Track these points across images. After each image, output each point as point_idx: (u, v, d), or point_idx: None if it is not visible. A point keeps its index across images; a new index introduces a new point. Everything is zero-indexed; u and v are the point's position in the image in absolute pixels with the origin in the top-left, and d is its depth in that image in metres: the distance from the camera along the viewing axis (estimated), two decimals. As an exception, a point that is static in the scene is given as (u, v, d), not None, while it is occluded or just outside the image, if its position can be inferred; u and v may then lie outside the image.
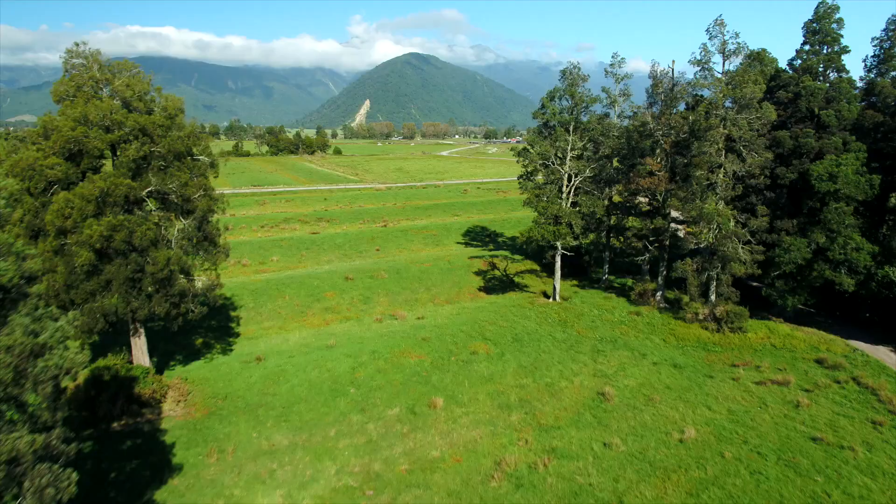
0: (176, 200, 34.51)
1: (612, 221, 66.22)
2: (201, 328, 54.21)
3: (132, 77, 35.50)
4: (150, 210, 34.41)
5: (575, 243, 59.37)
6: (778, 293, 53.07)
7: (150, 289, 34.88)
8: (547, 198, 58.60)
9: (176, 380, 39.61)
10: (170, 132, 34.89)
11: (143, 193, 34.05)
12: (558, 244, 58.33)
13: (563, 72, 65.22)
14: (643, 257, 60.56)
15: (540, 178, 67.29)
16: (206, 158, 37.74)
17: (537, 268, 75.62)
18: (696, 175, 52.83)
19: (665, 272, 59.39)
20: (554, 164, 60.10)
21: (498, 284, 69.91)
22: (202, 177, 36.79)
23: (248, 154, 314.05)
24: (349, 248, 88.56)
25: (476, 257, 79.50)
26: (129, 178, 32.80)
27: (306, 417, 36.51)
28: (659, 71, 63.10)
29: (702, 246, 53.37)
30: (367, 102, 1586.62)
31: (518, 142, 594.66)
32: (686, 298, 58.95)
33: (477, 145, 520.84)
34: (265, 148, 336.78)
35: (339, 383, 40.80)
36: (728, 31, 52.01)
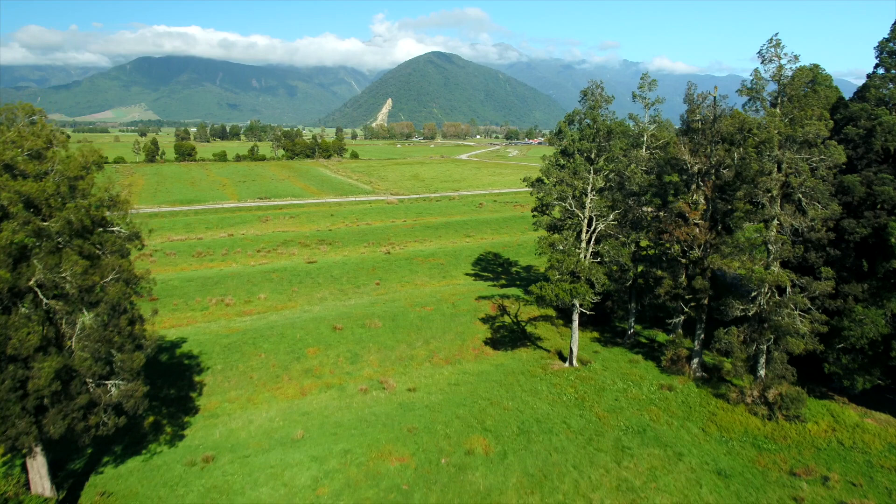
0: (72, 292, 26.63)
1: (639, 269, 57.15)
2: (157, 399, 46.64)
3: (25, 129, 27.66)
4: (41, 304, 26.55)
5: (596, 300, 50.43)
6: (844, 371, 43.64)
7: (45, 402, 27.08)
8: (563, 247, 49.71)
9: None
10: (71, 201, 27.01)
11: (32, 283, 26.25)
12: (577, 303, 49.53)
13: (584, 92, 56.20)
14: (677, 319, 51.45)
15: (556, 211, 58.46)
16: (124, 230, 29.74)
17: (553, 314, 66.75)
18: (743, 227, 43.65)
19: (703, 335, 50.17)
20: (572, 207, 51.20)
21: (507, 336, 61.23)
22: (117, 254, 28.82)
23: (263, 158, 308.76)
24: (346, 281, 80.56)
25: (484, 297, 70.86)
26: (5, 268, 25.02)
27: (243, 567, 28.40)
28: (696, 95, 53.86)
29: (750, 313, 44.07)
30: (389, 101, 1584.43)
31: (539, 143, 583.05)
32: (728, 366, 49.87)
33: (497, 147, 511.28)
34: (281, 152, 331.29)
35: (294, 506, 32.60)
36: (786, 54, 42.58)
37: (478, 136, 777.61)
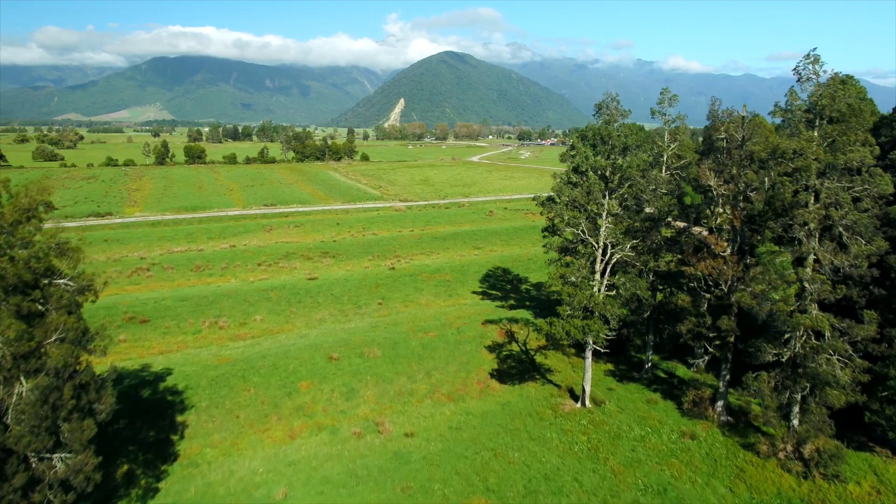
0: (5, 359, 23.13)
1: (658, 298, 52.90)
2: (134, 442, 43.22)
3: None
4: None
5: (611, 336, 46.33)
6: (888, 423, 39.23)
7: (-23, 481, 23.60)
8: (575, 279, 45.59)
9: None
10: (7, 250, 23.47)
11: (-42, 349, 22.82)
12: (589, 340, 45.47)
13: (598, 106, 52.08)
14: (700, 360, 47.18)
15: (568, 233, 54.40)
16: (73, 283, 26.14)
17: (564, 342, 62.54)
18: (776, 262, 39.34)
19: (728, 376, 45.85)
20: (585, 235, 47.10)
21: (514, 367, 57.18)
22: (63, 310, 25.27)
23: (273, 161, 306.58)
24: (347, 300, 76.96)
25: (491, 321, 66.83)
26: (-77, 335, 21.61)
27: None
28: (720, 111, 49.55)
29: (784, 359, 39.73)
30: (402, 101, 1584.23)
31: (552, 143, 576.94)
32: (757, 408, 45.67)
33: (510, 148, 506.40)
34: (291, 154, 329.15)
35: (269, 590, 28.90)
36: (825, 71, 38.14)
37: (490, 137, 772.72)
